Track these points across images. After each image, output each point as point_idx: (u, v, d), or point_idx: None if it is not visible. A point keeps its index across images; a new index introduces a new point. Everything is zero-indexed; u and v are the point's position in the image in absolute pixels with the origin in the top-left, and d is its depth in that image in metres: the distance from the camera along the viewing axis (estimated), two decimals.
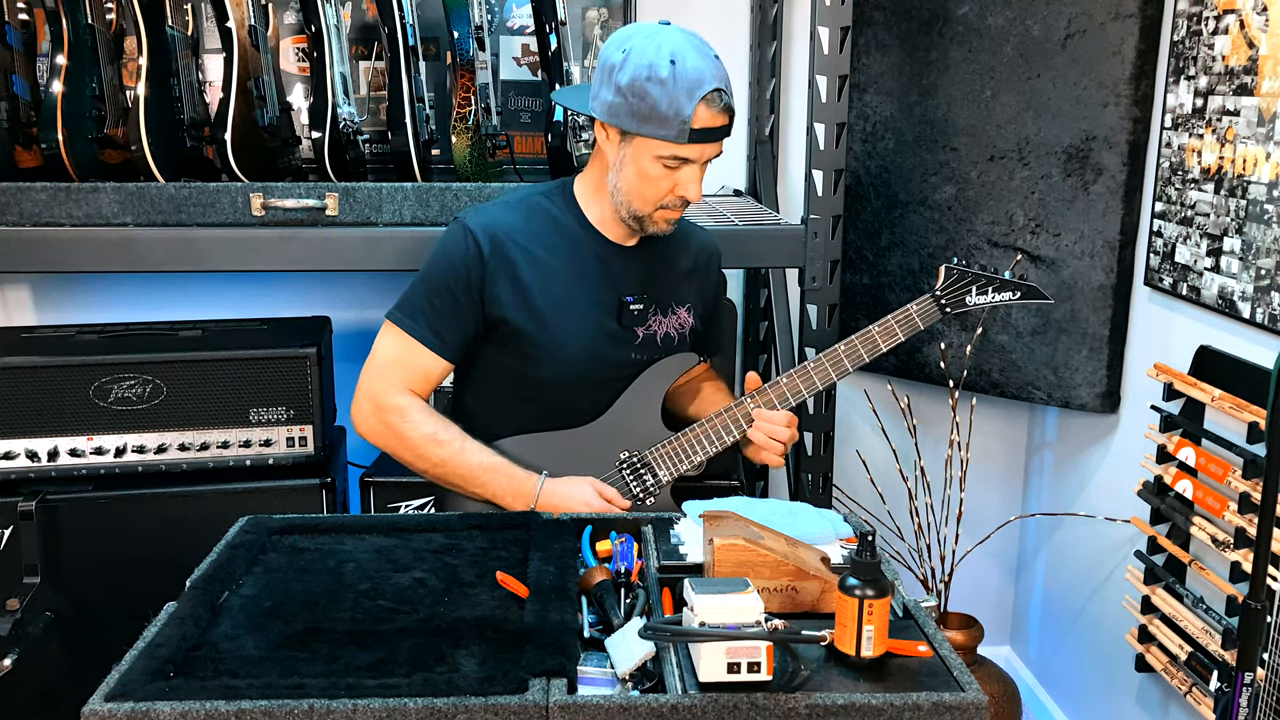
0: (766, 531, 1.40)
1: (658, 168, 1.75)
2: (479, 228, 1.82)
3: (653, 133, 1.72)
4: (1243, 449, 1.94)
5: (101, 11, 2.17)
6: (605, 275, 1.87)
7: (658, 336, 1.92)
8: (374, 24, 2.30)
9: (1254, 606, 1.43)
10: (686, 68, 1.70)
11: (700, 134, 1.72)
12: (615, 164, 1.79)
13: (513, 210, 1.87)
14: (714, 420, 1.88)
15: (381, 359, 1.85)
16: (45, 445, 2.12)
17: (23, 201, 2.08)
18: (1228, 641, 1.95)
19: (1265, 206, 1.92)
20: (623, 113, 1.73)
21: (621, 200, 1.81)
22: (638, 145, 1.75)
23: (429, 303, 1.83)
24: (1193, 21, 2.14)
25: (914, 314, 1.89)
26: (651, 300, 1.90)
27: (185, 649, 1.26)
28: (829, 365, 1.87)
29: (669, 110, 1.70)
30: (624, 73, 1.71)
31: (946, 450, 2.69)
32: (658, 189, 1.78)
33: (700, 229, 2.07)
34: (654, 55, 1.70)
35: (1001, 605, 3.09)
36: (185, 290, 2.68)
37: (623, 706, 1.15)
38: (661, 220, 1.83)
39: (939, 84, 2.60)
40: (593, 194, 1.87)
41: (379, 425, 1.84)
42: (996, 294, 1.90)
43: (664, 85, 1.69)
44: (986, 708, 1.17)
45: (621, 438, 1.90)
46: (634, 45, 1.72)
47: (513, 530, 1.63)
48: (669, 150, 1.73)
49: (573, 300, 1.85)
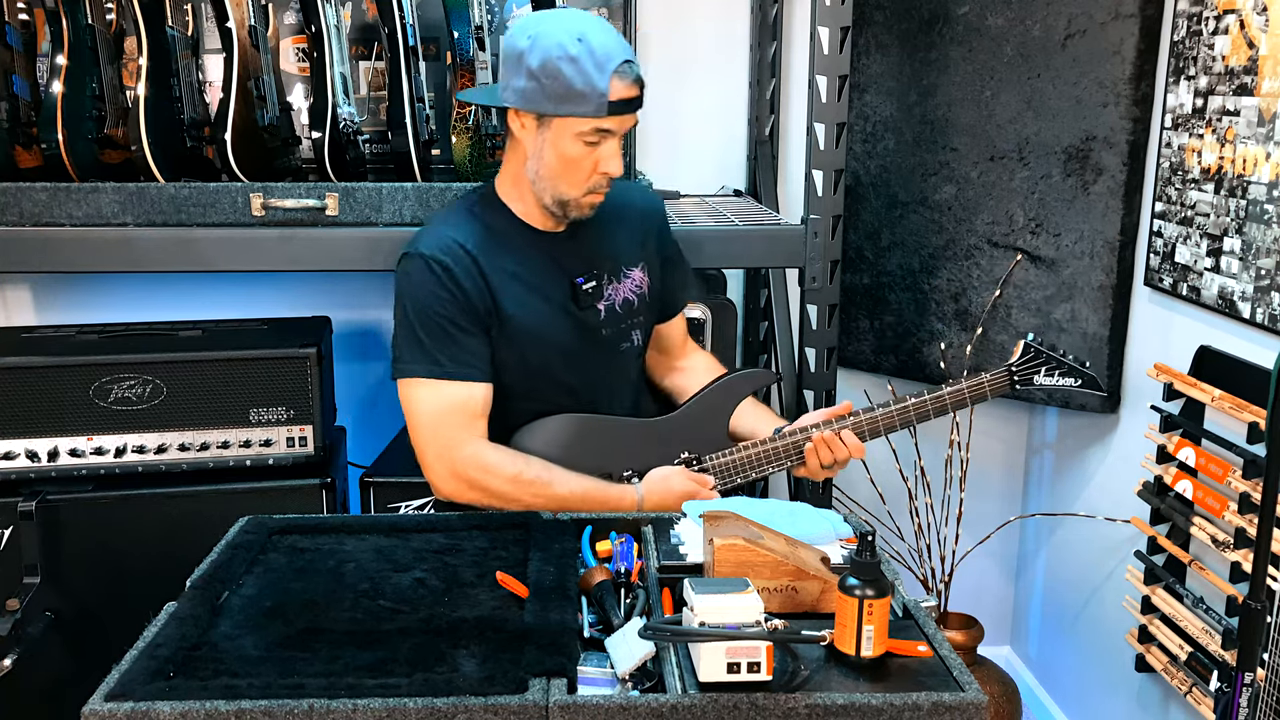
0: (766, 531, 1.40)
1: (579, 146, 1.76)
2: (438, 252, 1.80)
3: (571, 111, 1.73)
4: (1243, 449, 1.94)
5: (101, 11, 2.17)
6: (550, 265, 1.87)
7: (617, 304, 1.93)
8: (374, 24, 2.30)
9: (1254, 606, 1.43)
10: (595, 44, 1.71)
11: (617, 106, 1.73)
12: (535, 151, 1.79)
13: (453, 223, 1.87)
14: (776, 443, 1.89)
15: (426, 418, 1.80)
16: (45, 445, 2.12)
17: (23, 201, 2.08)
18: (1228, 641, 1.95)
19: (1265, 206, 1.92)
20: (538, 96, 1.74)
21: (545, 187, 1.81)
22: (557, 127, 1.75)
23: (437, 342, 1.79)
24: (1193, 21, 2.14)
25: (986, 384, 1.94)
26: (602, 273, 1.91)
27: (185, 649, 1.26)
28: (897, 415, 1.91)
29: (584, 86, 1.71)
30: (533, 56, 1.72)
31: (946, 450, 2.69)
32: (581, 169, 1.78)
33: (637, 190, 2.08)
34: (561, 35, 1.71)
35: (1001, 605, 3.09)
36: (185, 290, 2.68)
37: (623, 706, 1.15)
38: (586, 204, 1.83)
39: (939, 84, 2.60)
40: (513, 190, 1.87)
41: (463, 485, 1.80)
42: (1063, 378, 1.95)
43: (576, 63, 1.70)
44: (986, 708, 1.17)
45: (686, 439, 1.92)
46: (539, 30, 1.74)
47: (513, 530, 1.63)
48: (589, 125, 1.74)
49: (532, 295, 1.85)
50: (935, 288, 2.68)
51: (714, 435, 1.93)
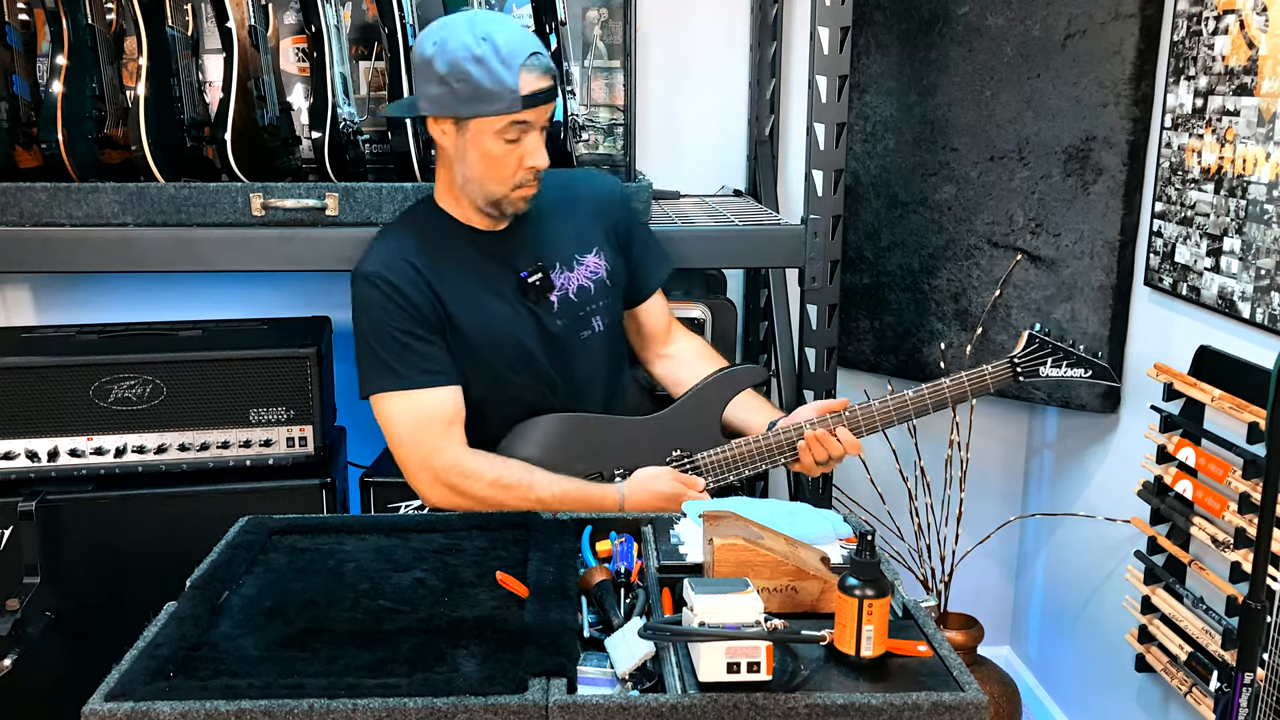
0: (766, 531, 1.40)
1: (499, 144, 1.77)
2: (380, 270, 1.83)
3: (485, 110, 1.74)
4: (1243, 449, 1.94)
5: (101, 11, 2.17)
6: (494, 263, 1.89)
7: (570, 293, 1.93)
8: (374, 24, 2.29)
9: (1254, 606, 1.43)
10: (499, 41, 1.73)
11: (530, 99, 1.75)
12: (459, 155, 1.81)
13: (394, 239, 1.90)
14: (769, 439, 1.89)
15: (402, 430, 1.83)
16: (45, 445, 2.12)
17: (23, 201, 2.08)
18: (1228, 641, 1.95)
19: (1265, 206, 1.92)
20: (451, 100, 1.75)
21: (474, 190, 1.83)
22: (474, 129, 1.77)
23: (395, 355, 1.82)
24: (1193, 21, 2.14)
25: (988, 376, 1.90)
26: (549, 264, 1.91)
27: (185, 649, 1.26)
28: (894, 409, 1.88)
29: (494, 85, 1.72)
30: (440, 62, 1.74)
31: (946, 450, 2.69)
32: (506, 166, 1.80)
33: (591, 175, 2.08)
34: (465, 37, 1.73)
35: (1001, 605, 3.09)
36: (185, 290, 2.68)
37: (622, 706, 1.15)
38: (519, 199, 1.84)
39: (939, 84, 2.60)
40: (449, 196, 1.90)
41: (447, 492, 1.83)
42: (1071, 369, 1.90)
43: (482, 62, 1.71)
44: (986, 708, 1.17)
45: (677, 436, 1.91)
46: (443, 35, 1.75)
47: (513, 530, 1.63)
48: (506, 121, 1.75)
49: (480, 296, 1.87)
50: (935, 288, 2.68)
51: (706, 432, 1.92)
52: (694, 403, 1.94)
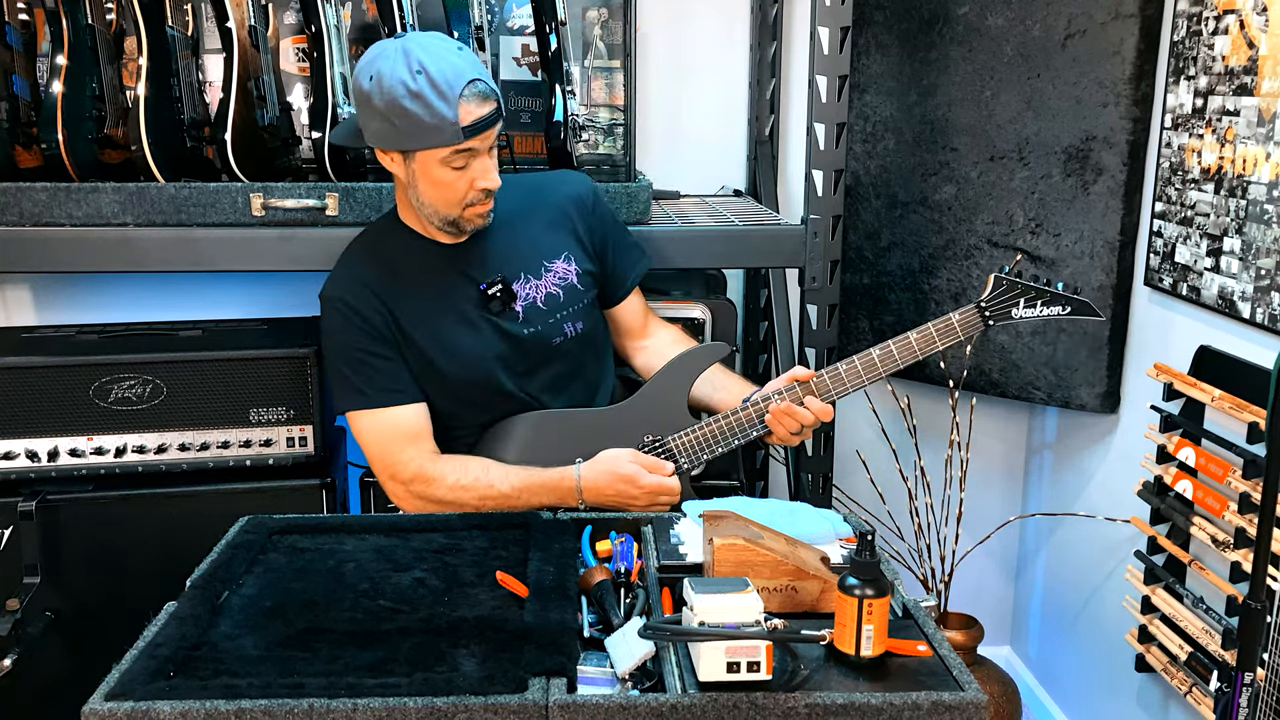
0: (766, 531, 1.40)
1: (448, 172, 1.77)
2: (338, 293, 1.87)
3: (428, 143, 1.74)
4: (1243, 449, 1.94)
5: (101, 11, 2.17)
6: (455, 275, 1.90)
7: (538, 301, 1.92)
8: (374, 24, 2.29)
9: (1254, 606, 1.43)
10: (435, 73, 1.70)
11: (472, 128, 1.73)
12: (409, 182, 1.82)
13: (354, 262, 1.92)
14: (738, 415, 1.88)
15: (372, 445, 1.88)
16: (45, 445, 2.12)
17: (23, 201, 2.08)
18: (1228, 641, 1.95)
19: (1265, 206, 1.92)
20: (393, 136, 1.75)
21: (430, 212, 1.84)
22: (421, 159, 1.77)
23: (358, 375, 1.86)
24: (1193, 21, 2.14)
25: (955, 323, 1.82)
26: (512, 274, 1.91)
27: (185, 649, 1.26)
28: (861, 368, 1.84)
29: (434, 120, 1.71)
30: (379, 98, 1.72)
31: (946, 450, 2.69)
32: (456, 191, 1.80)
33: (557, 176, 2.07)
34: (400, 72, 1.70)
35: (1001, 605, 3.09)
36: (185, 290, 2.68)
37: (622, 706, 1.15)
38: (474, 216, 1.85)
39: (939, 84, 2.60)
40: (409, 211, 1.91)
41: (414, 500, 1.86)
42: (1046, 308, 1.80)
43: (420, 98, 1.70)
44: (986, 707, 1.17)
45: (646, 422, 1.91)
46: (378, 68, 1.73)
47: (513, 530, 1.63)
48: (449, 152, 1.75)
49: (441, 311, 1.88)
50: (935, 288, 2.68)
51: (673, 415, 1.92)
52: (658, 387, 1.94)
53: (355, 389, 1.86)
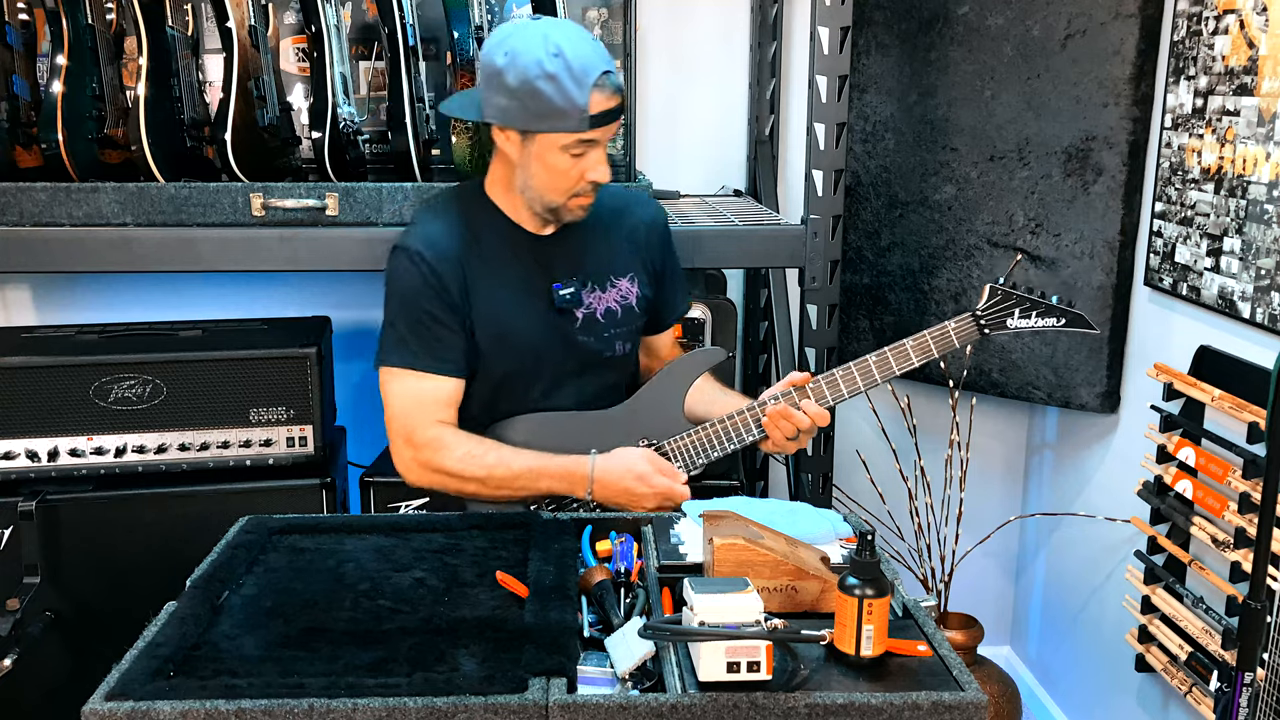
0: (766, 531, 1.40)
1: (564, 159, 1.77)
2: (421, 247, 1.84)
3: (553, 128, 1.74)
4: (1243, 449, 1.94)
5: (101, 11, 2.17)
6: (533, 266, 1.89)
7: (598, 313, 1.93)
8: (374, 24, 2.30)
9: (1254, 606, 1.43)
10: (571, 58, 1.71)
11: (599, 118, 1.74)
12: (521, 164, 1.81)
13: (439, 220, 1.89)
14: (734, 419, 1.88)
15: (397, 407, 1.85)
16: (45, 445, 2.12)
17: (23, 201, 2.08)
18: (1228, 641, 1.95)
19: (1265, 206, 1.92)
20: (519, 114, 1.74)
21: (534, 196, 1.84)
22: (540, 142, 1.77)
23: (414, 334, 1.84)
24: (1193, 21, 2.14)
25: (951, 331, 1.84)
26: (584, 280, 1.91)
27: (185, 649, 1.26)
28: (858, 374, 1.85)
29: (565, 104, 1.71)
30: (511, 75, 1.72)
31: (946, 450, 2.69)
32: (568, 179, 1.80)
33: (639, 199, 2.07)
34: (538, 52, 1.71)
35: (1001, 605, 3.09)
36: (185, 290, 2.68)
37: (622, 706, 1.15)
38: (576, 207, 1.85)
39: (939, 84, 2.60)
40: (502, 190, 1.89)
41: (421, 468, 1.85)
42: (1040, 319, 1.83)
43: (554, 80, 1.70)
44: (986, 708, 1.17)
45: (642, 426, 1.91)
46: (514, 45, 1.72)
47: (513, 530, 1.63)
48: (573, 139, 1.75)
49: (509, 294, 1.87)
50: (935, 288, 2.68)
51: (668, 419, 1.92)
52: (655, 391, 1.94)
53: (408, 348, 1.83)
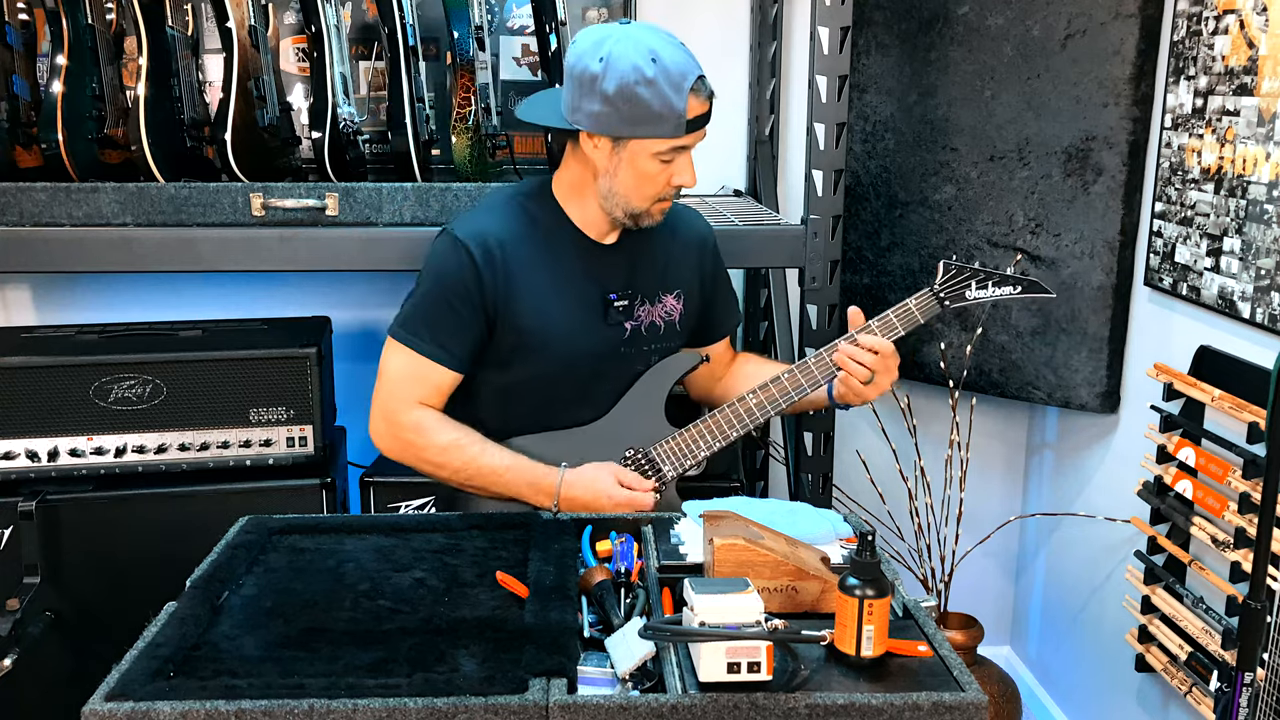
0: (766, 531, 1.40)
1: (654, 164, 1.77)
2: (469, 237, 1.81)
3: (650, 133, 1.73)
4: (1243, 449, 1.94)
5: (101, 11, 2.17)
6: (589, 273, 1.88)
7: (643, 327, 1.92)
8: (374, 24, 2.30)
9: (1254, 606, 1.43)
10: (669, 63, 1.71)
11: (694, 123, 1.74)
12: (609, 170, 1.79)
13: (497, 214, 1.87)
14: (715, 416, 1.89)
15: (391, 377, 1.85)
16: (45, 445, 2.12)
17: (23, 201, 2.08)
18: (1228, 641, 1.95)
19: (1265, 206, 1.92)
20: (614, 120, 1.73)
21: (618, 202, 1.82)
22: (633, 148, 1.75)
23: (432, 317, 1.82)
24: (1193, 21, 2.14)
25: (913, 308, 1.90)
26: (636, 293, 1.90)
27: (185, 649, 1.26)
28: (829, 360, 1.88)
29: (663, 108, 1.71)
30: (608, 81, 1.70)
31: (946, 450, 2.69)
32: (655, 184, 1.79)
33: (689, 213, 2.06)
34: (635, 57, 1.70)
35: (1001, 605, 3.09)
36: (185, 290, 2.68)
37: (622, 706, 1.15)
38: (658, 212, 1.84)
39: (939, 84, 2.60)
40: (571, 194, 1.87)
41: (396, 443, 1.85)
42: (997, 288, 1.89)
43: (653, 85, 1.69)
44: (986, 708, 1.17)
45: (625, 436, 1.90)
46: (611, 50, 1.71)
47: (513, 530, 1.63)
48: (667, 145, 1.74)
49: (559, 300, 1.85)
50: None
51: (650, 427, 1.91)
52: (633, 401, 1.93)
53: (424, 326, 1.82)
